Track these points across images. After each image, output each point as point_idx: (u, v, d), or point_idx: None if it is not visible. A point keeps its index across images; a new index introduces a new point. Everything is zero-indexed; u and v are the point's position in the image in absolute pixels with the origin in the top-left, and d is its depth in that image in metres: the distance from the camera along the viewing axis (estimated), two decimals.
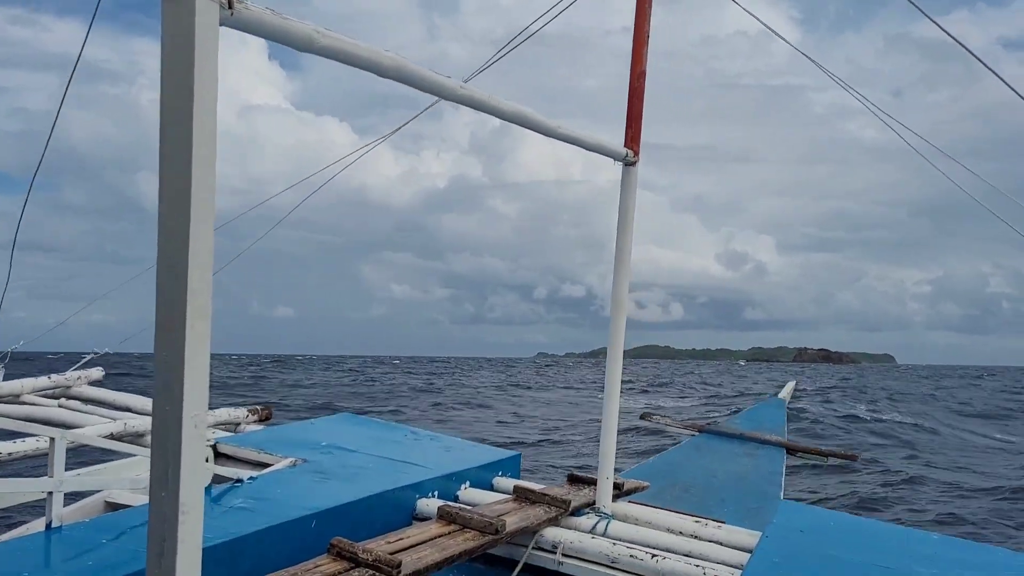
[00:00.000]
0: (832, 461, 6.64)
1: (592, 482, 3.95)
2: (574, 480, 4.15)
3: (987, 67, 3.54)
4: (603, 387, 3.75)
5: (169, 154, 1.47)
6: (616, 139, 3.71)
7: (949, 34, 3.55)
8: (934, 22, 3.52)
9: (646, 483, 4.40)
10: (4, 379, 5.10)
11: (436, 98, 2.93)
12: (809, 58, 4.38)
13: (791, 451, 6.37)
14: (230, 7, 1.57)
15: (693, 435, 6.81)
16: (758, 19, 4.08)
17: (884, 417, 25.73)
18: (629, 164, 3.77)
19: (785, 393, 9.14)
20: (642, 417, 7.54)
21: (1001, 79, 3.54)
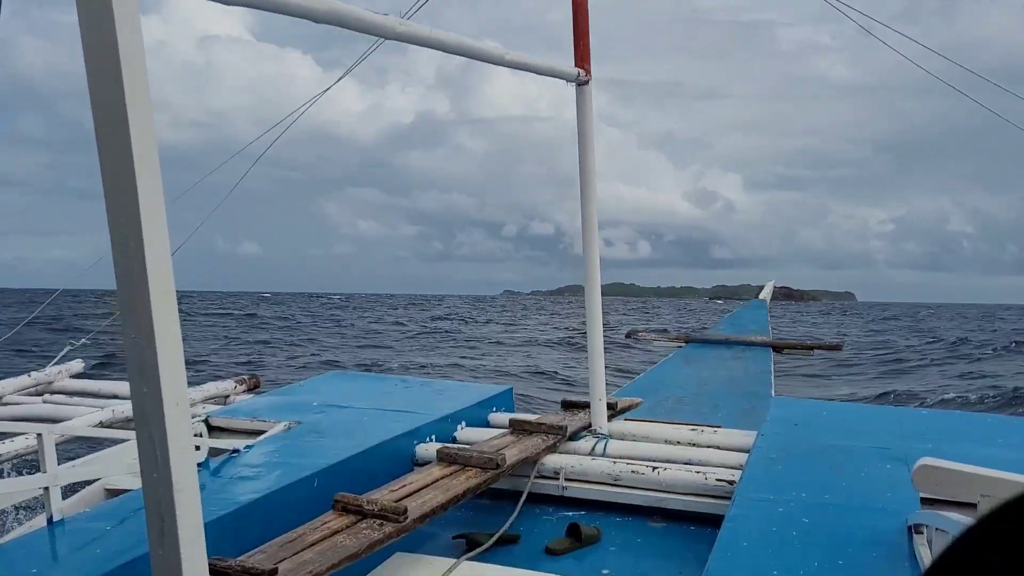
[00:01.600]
0: (818, 353, 6.75)
1: (585, 406, 3.98)
2: (568, 406, 4.18)
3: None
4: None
5: (104, 124, 1.40)
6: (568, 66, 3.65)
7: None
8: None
9: (639, 399, 4.45)
10: None
11: (377, 39, 2.85)
12: None
13: (777, 349, 6.46)
14: None
15: (680, 346, 6.88)
16: None
17: None
18: (582, 84, 3.70)
19: (765, 294, 9.23)
20: (627, 336, 7.59)
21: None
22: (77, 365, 5.38)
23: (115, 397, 4.96)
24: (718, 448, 3.64)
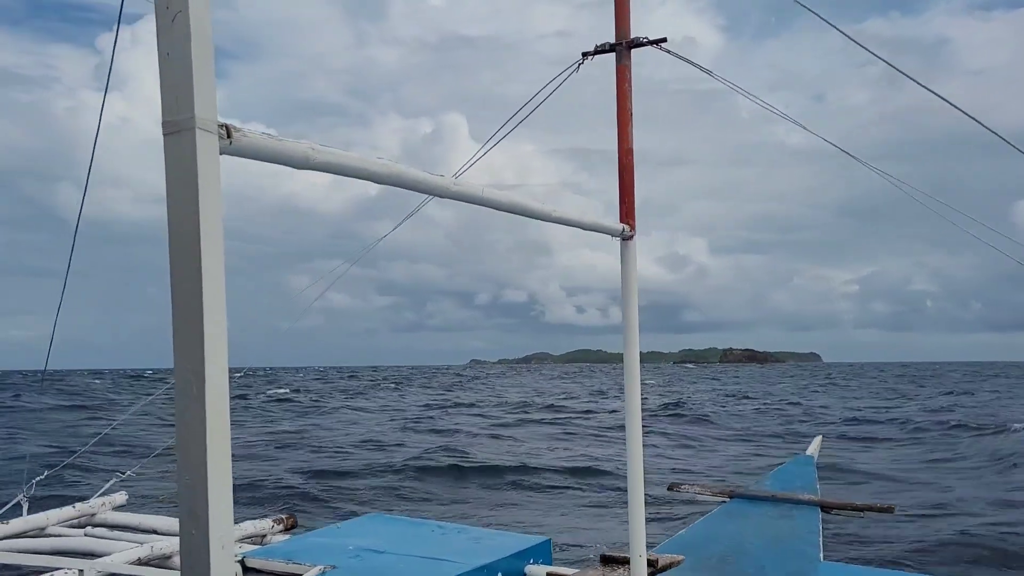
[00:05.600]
0: (868, 514, 6.50)
1: (625, 561, 3.88)
2: (607, 561, 4.08)
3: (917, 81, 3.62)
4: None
5: (179, 287, 1.52)
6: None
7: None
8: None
9: (681, 557, 4.33)
10: (28, 511, 5.08)
11: (430, 196, 3.02)
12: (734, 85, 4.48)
13: (826, 508, 6.24)
14: (229, 137, 1.64)
15: (723, 501, 6.70)
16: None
17: None
18: (627, 239, 3.83)
19: (813, 449, 9.01)
20: (669, 488, 7.43)
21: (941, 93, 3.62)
22: (120, 498, 5.43)
23: (154, 532, 4.97)
24: None
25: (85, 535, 4.92)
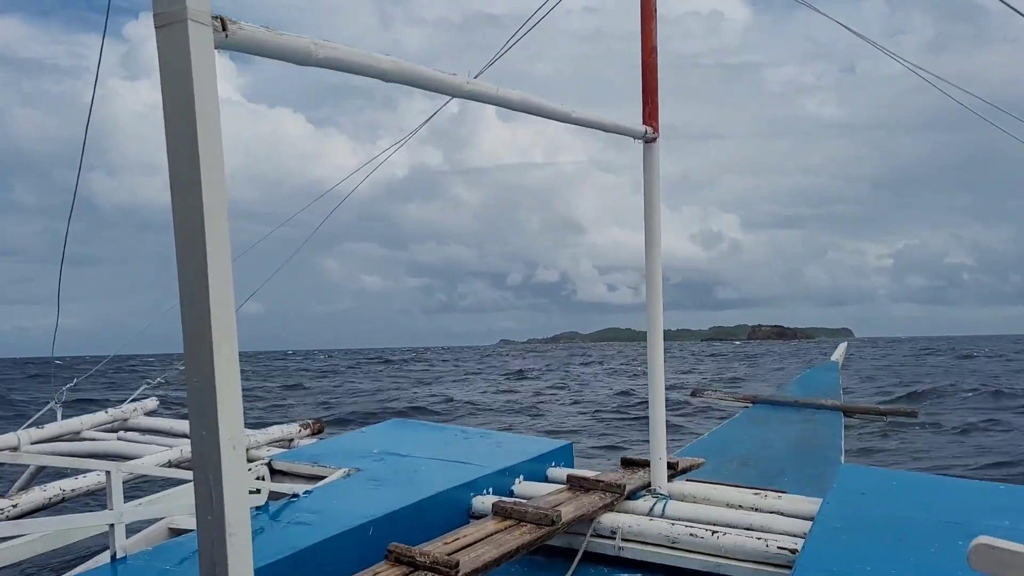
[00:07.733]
0: (891, 419, 6.51)
1: (646, 464, 3.92)
2: (628, 463, 4.12)
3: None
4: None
5: (178, 182, 1.48)
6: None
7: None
8: None
9: (701, 460, 4.36)
10: (63, 416, 5.23)
11: (448, 97, 2.94)
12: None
13: (848, 413, 6.24)
14: (224, 29, 1.57)
15: (746, 407, 6.74)
16: None
17: None
18: (649, 141, 3.72)
19: (838, 355, 8.99)
20: (692, 394, 7.47)
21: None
22: (151, 403, 5.56)
23: (184, 436, 5.09)
24: (781, 514, 3.53)
25: (118, 439, 5.06)
